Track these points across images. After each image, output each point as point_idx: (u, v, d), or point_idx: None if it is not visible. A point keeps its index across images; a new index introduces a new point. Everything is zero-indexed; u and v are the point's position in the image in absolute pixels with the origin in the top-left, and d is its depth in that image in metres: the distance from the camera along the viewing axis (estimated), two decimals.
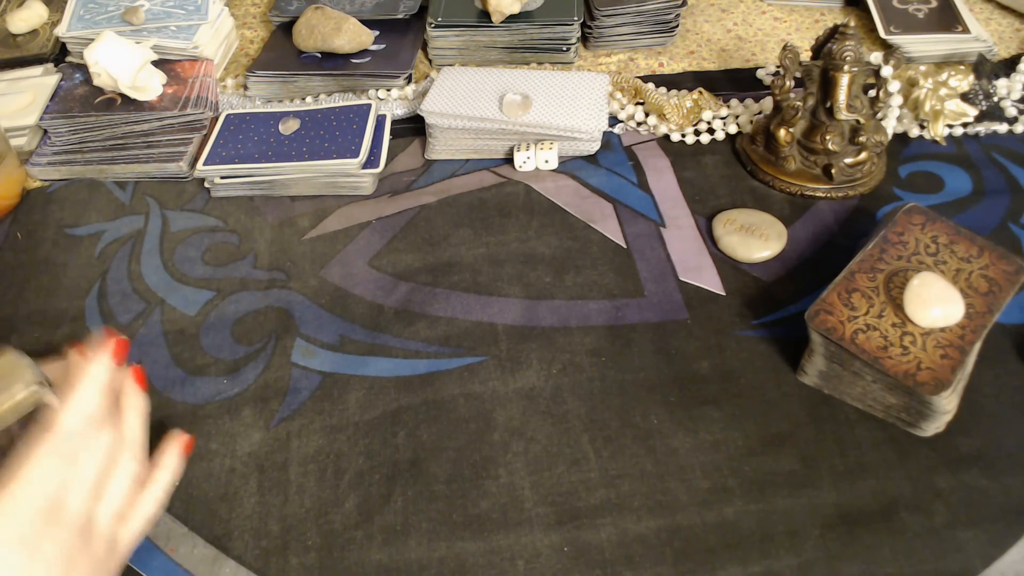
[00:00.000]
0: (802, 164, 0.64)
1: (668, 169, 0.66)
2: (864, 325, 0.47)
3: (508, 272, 0.59)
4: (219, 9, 0.79)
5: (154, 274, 0.60)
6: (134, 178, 0.68)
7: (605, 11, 0.77)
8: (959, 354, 0.46)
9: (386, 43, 0.78)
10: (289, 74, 0.75)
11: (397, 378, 0.53)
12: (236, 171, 0.65)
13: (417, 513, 0.46)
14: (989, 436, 0.48)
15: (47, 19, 0.84)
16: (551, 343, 0.54)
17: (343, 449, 0.49)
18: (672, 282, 0.57)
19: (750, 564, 0.43)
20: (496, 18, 0.76)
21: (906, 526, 0.44)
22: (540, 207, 0.63)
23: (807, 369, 0.50)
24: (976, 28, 0.76)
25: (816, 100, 0.62)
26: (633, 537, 0.45)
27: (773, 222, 0.60)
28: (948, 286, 0.48)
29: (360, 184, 0.65)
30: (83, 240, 0.63)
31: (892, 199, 0.63)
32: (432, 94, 0.69)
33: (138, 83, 0.70)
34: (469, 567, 0.44)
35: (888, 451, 0.48)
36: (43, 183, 0.69)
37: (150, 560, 0.45)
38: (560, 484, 0.47)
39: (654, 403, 0.51)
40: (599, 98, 0.68)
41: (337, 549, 0.45)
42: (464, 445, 0.49)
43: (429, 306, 0.57)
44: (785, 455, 0.48)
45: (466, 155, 0.68)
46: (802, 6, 0.84)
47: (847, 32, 0.59)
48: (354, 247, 0.61)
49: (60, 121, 0.69)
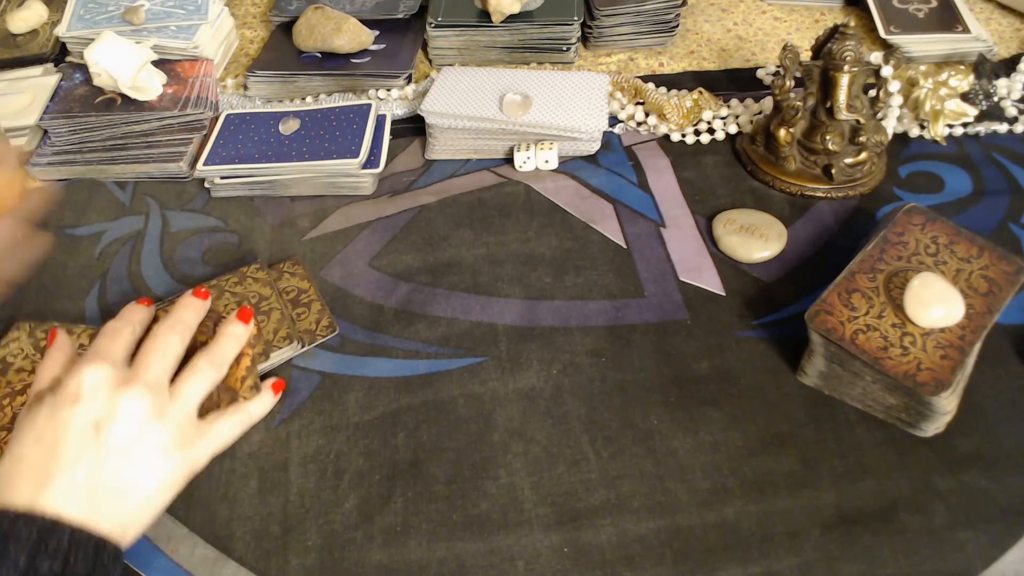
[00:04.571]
0: (802, 164, 0.64)
1: (668, 169, 0.66)
2: (864, 325, 0.47)
3: (508, 272, 0.59)
4: (219, 9, 0.79)
5: (154, 274, 0.60)
6: (134, 178, 0.68)
7: (605, 11, 0.77)
8: (959, 354, 0.46)
9: (386, 43, 0.78)
10: (289, 74, 0.75)
11: (397, 379, 0.53)
12: (236, 171, 0.65)
13: (417, 514, 0.46)
14: (989, 436, 0.48)
15: (47, 19, 0.83)
16: (551, 343, 0.54)
17: (343, 449, 0.49)
18: (672, 282, 0.58)
19: (750, 564, 0.43)
20: (496, 18, 0.76)
21: (906, 526, 0.44)
22: (540, 207, 0.63)
23: (807, 369, 0.50)
24: (976, 28, 0.76)
25: (816, 100, 0.62)
26: (633, 537, 0.45)
27: (773, 222, 0.60)
28: (948, 286, 0.48)
29: (360, 184, 0.65)
30: (83, 240, 0.64)
31: (892, 199, 0.63)
32: (432, 94, 0.69)
33: (138, 83, 0.70)
34: (469, 567, 0.44)
35: (888, 451, 0.48)
36: (43, 183, 0.69)
37: (151, 561, 0.45)
38: (560, 485, 0.47)
39: (654, 403, 0.51)
40: (599, 98, 0.68)
41: (337, 549, 0.45)
42: (464, 446, 0.49)
43: (429, 306, 0.57)
44: (785, 455, 0.48)
45: (466, 155, 0.68)
46: (802, 6, 0.84)
47: (847, 32, 0.59)
48: (354, 247, 0.61)
49: (60, 121, 0.69)
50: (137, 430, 0.41)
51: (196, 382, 0.44)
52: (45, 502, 0.38)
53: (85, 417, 0.40)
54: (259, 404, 0.48)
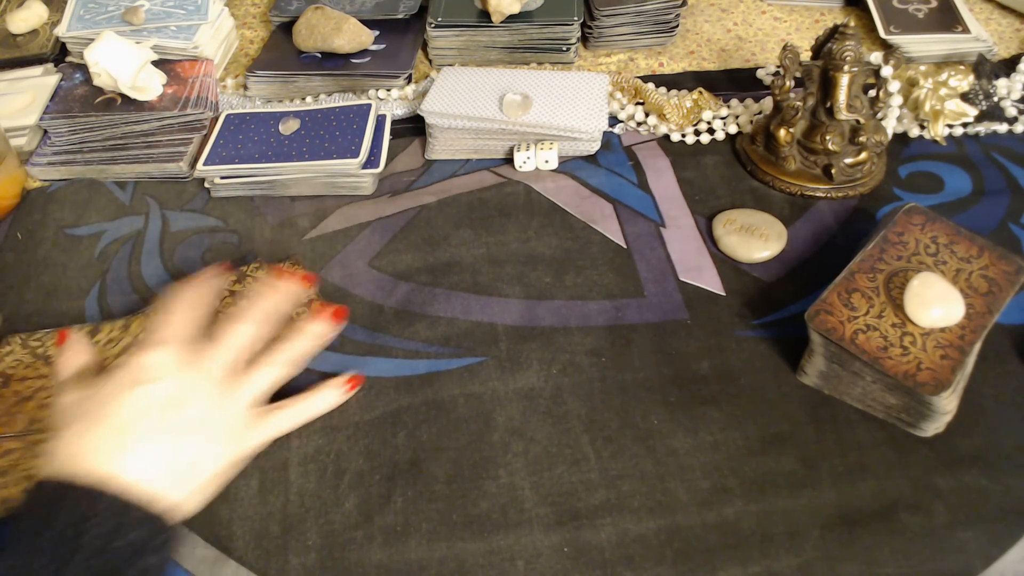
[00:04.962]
0: (802, 164, 0.64)
1: (668, 169, 0.66)
2: (864, 325, 0.47)
3: (508, 272, 0.59)
4: (219, 9, 0.79)
5: (154, 274, 0.60)
6: (134, 178, 0.68)
7: (605, 11, 0.77)
8: (959, 354, 0.46)
9: (386, 43, 0.78)
10: (289, 74, 0.75)
11: (397, 378, 0.53)
12: (236, 171, 0.65)
13: (417, 513, 0.46)
14: (989, 436, 0.48)
15: (47, 19, 0.83)
16: (551, 343, 0.54)
17: (343, 449, 0.49)
18: (672, 282, 0.58)
19: (750, 564, 0.43)
20: (496, 18, 0.76)
21: (906, 526, 0.44)
22: (540, 207, 0.63)
23: (807, 369, 0.50)
24: (976, 28, 0.76)
25: (816, 100, 0.62)
26: (633, 537, 0.45)
27: (773, 222, 0.60)
28: (948, 286, 0.48)
29: (360, 184, 0.65)
30: (83, 240, 0.64)
31: (892, 199, 0.63)
32: (432, 94, 0.69)
33: (138, 83, 0.70)
34: (469, 567, 0.44)
35: (888, 451, 0.48)
36: (43, 183, 0.69)
37: None
38: (560, 484, 0.47)
39: (654, 403, 0.51)
40: (599, 98, 0.68)
41: (337, 549, 0.45)
42: (464, 445, 0.49)
43: (429, 306, 0.57)
44: (785, 455, 0.48)
45: (466, 155, 0.68)
46: (802, 6, 0.84)
47: (847, 32, 0.59)
48: (354, 247, 0.61)
49: (60, 121, 0.69)
50: (204, 412, 0.42)
51: (265, 375, 0.45)
52: (120, 473, 0.38)
53: (157, 395, 0.41)
54: (322, 399, 0.48)
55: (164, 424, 0.41)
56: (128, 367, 0.42)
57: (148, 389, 0.41)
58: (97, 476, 0.38)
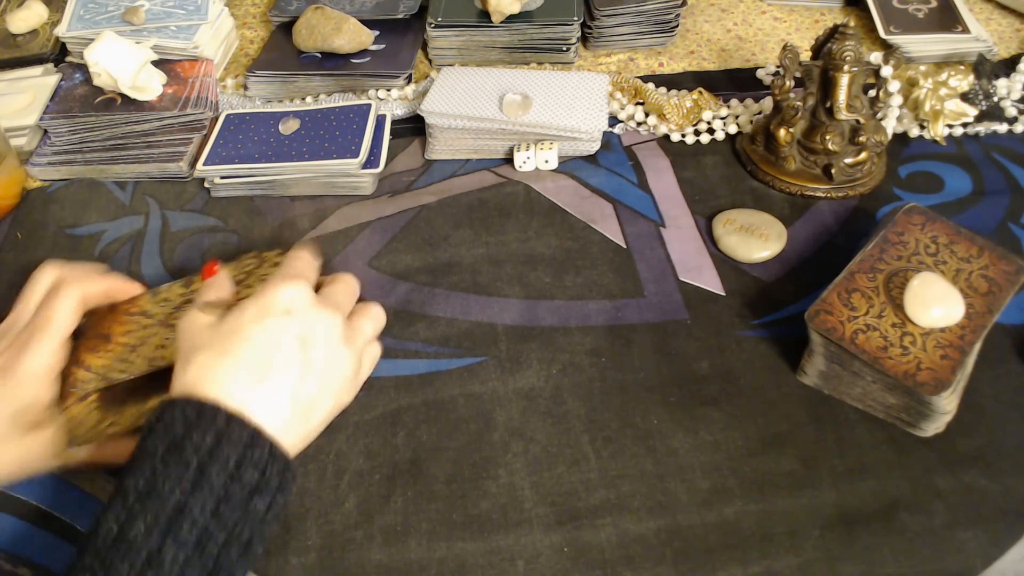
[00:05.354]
0: (802, 164, 0.64)
1: (668, 169, 0.66)
2: (864, 325, 0.47)
3: (508, 272, 0.59)
4: (219, 9, 0.79)
5: (154, 274, 0.60)
6: (134, 178, 0.68)
7: (605, 11, 0.77)
8: (959, 354, 0.46)
9: (386, 43, 0.78)
10: (289, 74, 0.75)
11: (397, 378, 0.53)
12: (236, 171, 0.65)
13: (417, 513, 0.46)
14: (989, 436, 0.48)
15: (47, 19, 0.83)
16: (551, 343, 0.54)
17: (342, 449, 0.49)
18: (672, 282, 0.58)
19: (750, 564, 0.43)
20: (496, 18, 0.76)
21: (906, 526, 0.44)
22: (540, 207, 0.63)
23: (807, 369, 0.50)
24: (976, 28, 0.76)
25: (816, 100, 0.62)
26: (633, 537, 0.45)
27: (773, 222, 0.60)
28: (948, 286, 0.48)
29: (360, 184, 0.65)
30: (83, 240, 0.64)
31: (892, 199, 0.63)
32: (432, 94, 0.69)
33: (138, 83, 0.70)
34: (469, 567, 0.44)
35: (888, 451, 0.48)
36: (43, 183, 0.69)
37: None
38: (560, 484, 0.47)
39: (654, 403, 0.51)
40: (599, 98, 0.68)
41: (337, 549, 0.45)
42: (464, 445, 0.49)
43: (429, 306, 0.57)
44: (785, 455, 0.48)
45: (466, 155, 0.68)
46: (802, 6, 0.84)
47: (847, 32, 0.59)
48: (354, 247, 0.61)
49: (60, 121, 0.69)
50: (333, 353, 0.41)
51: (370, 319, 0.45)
52: (252, 408, 0.37)
53: (293, 330, 0.40)
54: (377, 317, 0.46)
55: (293, 361, 0.39)
56: (261, 298, 0.40)
57: (281, 322, 0.40)
58: (227, 406, 0.37)
